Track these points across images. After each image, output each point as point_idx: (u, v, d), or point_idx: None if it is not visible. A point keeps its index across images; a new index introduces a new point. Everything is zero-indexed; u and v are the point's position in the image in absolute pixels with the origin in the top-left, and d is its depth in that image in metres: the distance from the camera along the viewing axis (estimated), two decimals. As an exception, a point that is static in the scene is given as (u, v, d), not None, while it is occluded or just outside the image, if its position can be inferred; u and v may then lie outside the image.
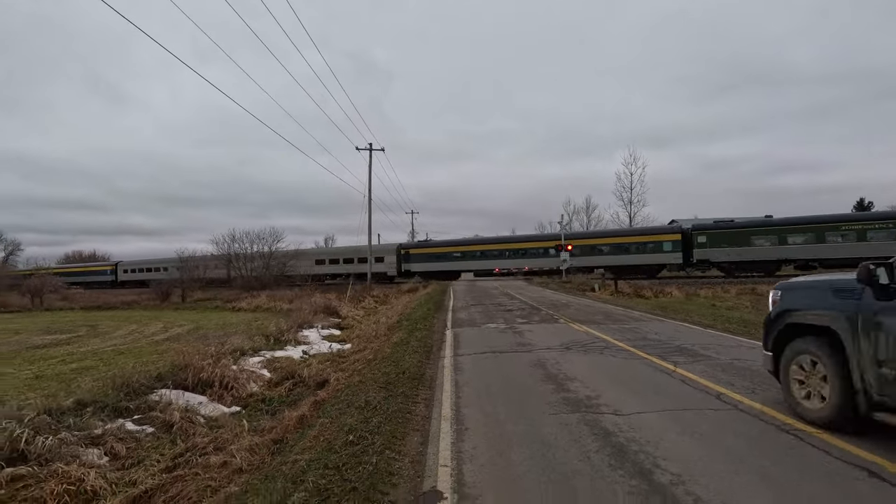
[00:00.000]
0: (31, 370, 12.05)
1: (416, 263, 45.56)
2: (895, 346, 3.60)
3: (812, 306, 4.45)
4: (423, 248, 48.27)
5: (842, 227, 31.06)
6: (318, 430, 4.93)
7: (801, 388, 4.43)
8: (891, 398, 3.62)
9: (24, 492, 4.88)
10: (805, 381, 4.39)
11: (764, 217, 39.41)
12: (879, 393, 3.69)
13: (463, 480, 3.36)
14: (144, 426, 6.97)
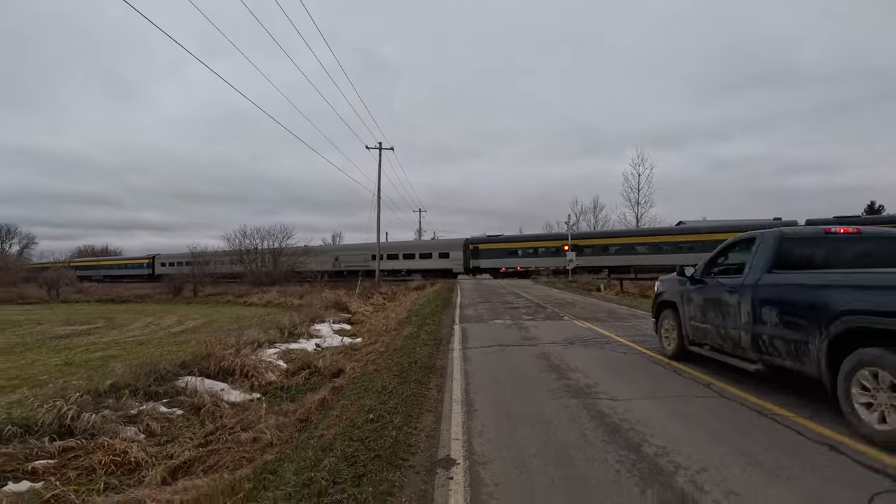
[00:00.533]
0: (59, 358, 12.65)
1: (486, 259, 43.30)
2: (695, 310, 6.63)
3: (668, 290, 7.65)
4: (495, 243, 45.36)
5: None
6: (340, 411, 5.41)
7: (665, 338, 7.56)
8: (696, 338, 6.67)
9: (75, 461, 5.41)
10: (667, 335, 7.47)
11: (773, 219, 39.42)
12: (691, 336, 6.79)
13: (473, 450, 3.83)
14: (174, 409, 7.50)
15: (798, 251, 5.58)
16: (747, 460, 3.41)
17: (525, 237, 48.49)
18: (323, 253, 51.54)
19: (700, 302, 6.55)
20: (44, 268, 51.17)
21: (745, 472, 3.22)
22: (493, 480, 3.26)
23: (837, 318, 4.17)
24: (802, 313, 4.65)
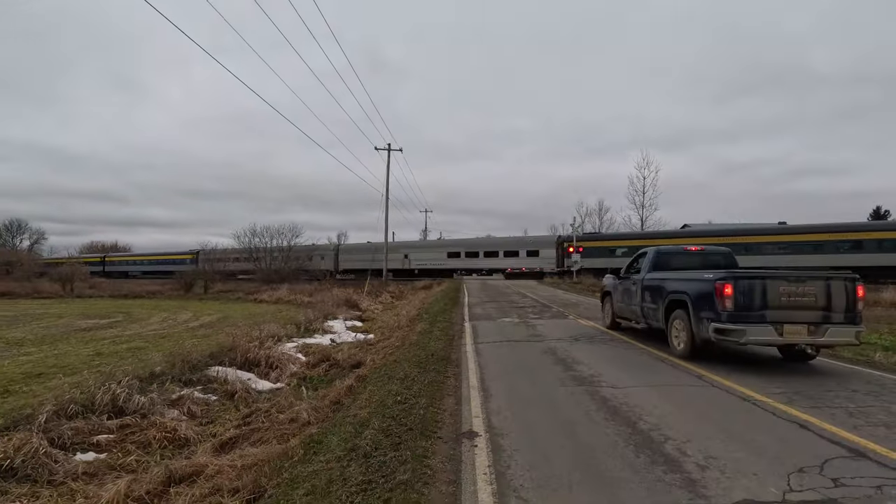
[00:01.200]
0: (89, 349, 13.36)
1: (583, 259, 40.02)
2: (618, 296, 10.50)
3: (608, 284, 11.55)
4: (593, 240, 41.92)
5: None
6: (369, 395, 6.04)
7: (605, 315, 11.54)
8: (619, 314, 10.58)
9: (131, 436, 6.06)
10: (606, 313, 11.42)
11: (777, 223, 39.80)
12: (618, 313, 10.66)
13: (492, 425, 4.44)
14: (209, 395, 8.16)
15: (666, 260, 9.39)
16: (727, 434, 4.02)
17: (627, 234, 43.43)
18: (394, 251, 48.15)
19: (621, 290, 10.47)
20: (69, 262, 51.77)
21: (724, 444, 3.83)
22: (511, 447, 3.88)
23: (667, 296, 8.10)
24: (657, 294, 8.52)
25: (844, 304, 6.60)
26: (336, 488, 3.32)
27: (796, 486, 3.07)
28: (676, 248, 9.79)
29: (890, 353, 7.80)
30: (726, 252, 9.68)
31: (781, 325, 6.48)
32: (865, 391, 5.49)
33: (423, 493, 3.14)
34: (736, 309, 6.59)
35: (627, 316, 10.13)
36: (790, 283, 6.62)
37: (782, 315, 6.52)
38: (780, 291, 6.58)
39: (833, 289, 6.61)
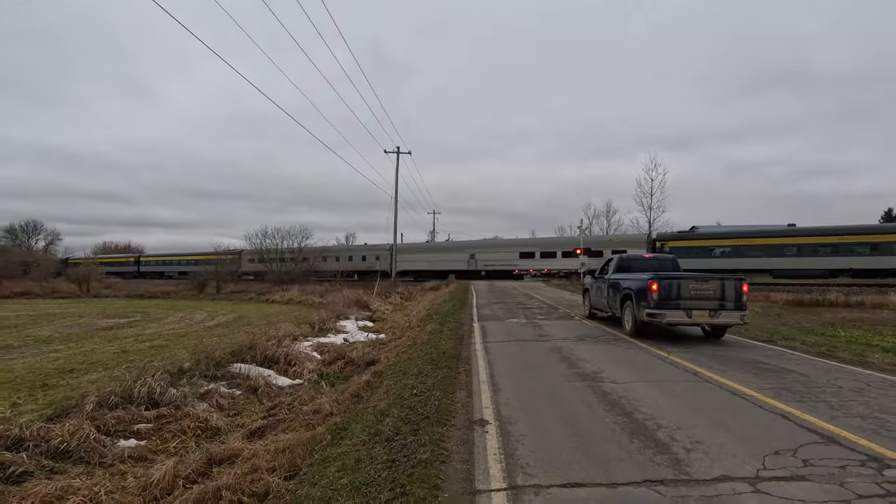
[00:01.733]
0: (114, 347, 13.96)
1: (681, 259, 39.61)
2: (594, 292, 13.57)
3: (587, 283, 14.82)
4: (686, 239, 38.65)
5: None
6: (386, 389, 6.50)
7: (585, 307, 14.48)
8: (594, 307, 13.51)
9: (167, 426, 6.57)
10: (584, 305, 14.53)
11: (787, 225, 39.69)
12: (593, 305, 13.60)
13: (501, 415, 4.89)
14: (234, 389, 8.67)
15: (627, 264, 12.30)
16: (714, 423, 4.44)
17: (727, 233, 39.20)
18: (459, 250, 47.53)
19: (595, 288, 13.47)
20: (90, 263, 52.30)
21: (711, 431, 4.25)
22: (518, 433, 4.33)
23: (621, 290, 10.87)
24: (616, 290, 11.37)
25: (734, 297, 9.49)
26: (364, 465, 3.78)
27: (770, 465, 3.48)
28: (636, 255, 13.77)
29: (889, 355, 8.11)
30: (672, 258, 12.88)
31: (690, 311, 9.38)
32: (851, 388, 5.86)
33: (441, 470, 3.59)
34: (660, 300, 9.44)
35: (599, 307, 13.21)
36: (697, 282, 9.58)
37: (691, 304, 9.42)
38: (689, 287, 9.50)
39: (726, 286, 9.51)
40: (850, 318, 16.55)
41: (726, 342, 9.58)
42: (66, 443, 5.32)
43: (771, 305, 21.41)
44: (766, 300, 23.71)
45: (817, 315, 17.62)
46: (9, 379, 9.55)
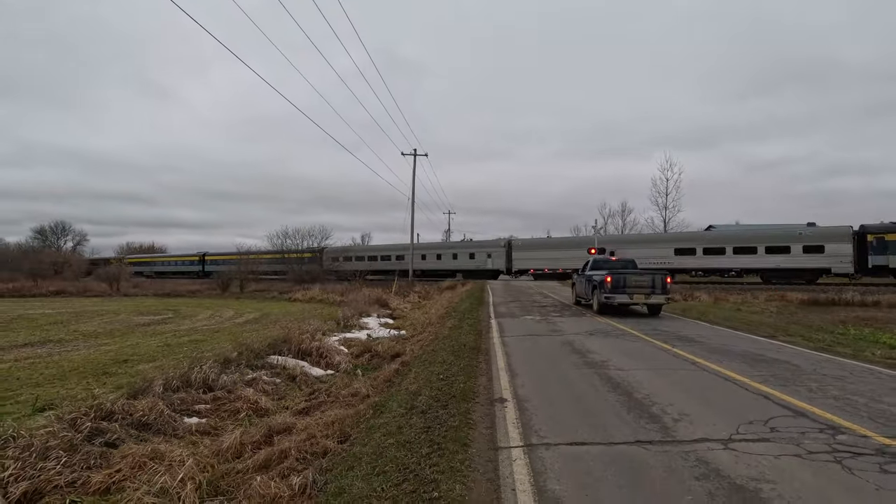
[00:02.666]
0: (156, 341, 15.05)
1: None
2: (578, 285, 18.09)
3: (574, 278, 19.65)
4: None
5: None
6: (415, 375, 7.32)
7: (572, 295, 19.63)
8: (578, 297, 18.06)
9: (222, 407, 7.47)
10: (572, 294, 19.59)
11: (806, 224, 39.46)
12: (578, 295, 18.17)
13: (518, 395, 5.66)
14: (274, 377, 9.56)
15: (599, 264, 16.88)
16: (702, 401, 5.15)
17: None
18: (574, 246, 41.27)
19: (579, 281, 17.89)
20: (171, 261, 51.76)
21: (698, 407, 4.96)
22: (532, 408, 5.10)
23: (592, 282, 15.52)
24: (589, 282, 15.93)
25: (661, 285, 14.28)
26: (405, 430, 4.59)
27: (742, 431, 4.20)
28: (605, 258, 19.46)
29: (892, 350, 8.61)
30: (631, 260, 17.96)
31: (632, 295, 14.13)
32: (834, 376, 6.50)
33: (468, 433, 4.38)
34: (612, 288, 14.22)
35: (582, 295, 17.53)
36: (636, 276, 14.57)
37: (632, 290, 14.16)
38: (632, 280, 14.33)
39: (655, 278, 14.32)
40: (865, 316, 16.84)
41: (726, 335, 10.20)
42: (146, 416, 6.24)
43: (786, 305, 21.73)
44: (781, 300, 24.00)
45: (831, 314, 17.93)
46: (74, 368, 10.61)
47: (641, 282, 14.26)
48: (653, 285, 14.19)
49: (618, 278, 14.32)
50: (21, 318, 22.94)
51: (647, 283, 14.21)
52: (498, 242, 46.49)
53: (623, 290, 14.10)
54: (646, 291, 14.12)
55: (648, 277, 14.32)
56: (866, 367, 7.19)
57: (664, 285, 14.31)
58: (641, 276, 14.47)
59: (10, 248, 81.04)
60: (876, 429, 4.25)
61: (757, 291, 27.87)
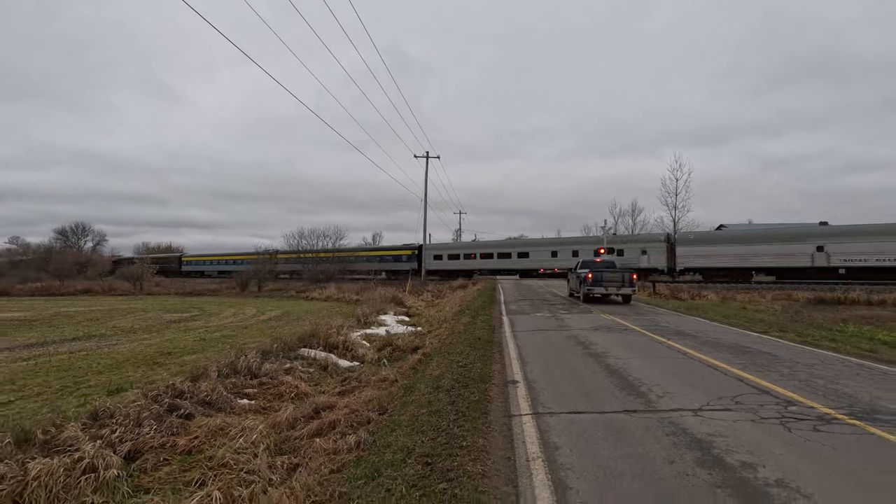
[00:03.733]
0: (191, 336, 16.22)
1: None
2: (571, 280, 22.62)
3: (568, 275, 24.17)
4: None
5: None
6: (437, 363, 8.30)
7: (568, 289, 24.03)
8: (571, 290, 22.84)
9: (267, 391, 8.52)
10: (568, 288, 23.89)
11: (818, 223, 39.58)
12: (571, 289, 22.75)
13: (528, 378, 6.62)
14: (308, 367, 10.60)
15: (586, 263, 21.33)
16: (685, 382, 6.07)
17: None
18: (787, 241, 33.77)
19: (572, 278, 22.38)
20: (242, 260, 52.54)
21: (680, 387, 5.88)
22: (539, 388, 6.05)
23: (580, 278, 19.71)
24: (578, 277, 20.06)
25: (629, 280, 18.26)
26: (434, 404, 5.58)
27: (712, 403, 5.13)
28: (591, 260, 22.52)
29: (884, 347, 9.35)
30: (611, 261, 22.45)
31: (607, 287, 18.45)
32: (806, 363, 7.36)
33: (487, 406, 5.36)
34: (593, 282, 18.56)
35: (573, 289, 21.88)
36: (611, 273, 18.85)
37: (608, 283, 18.46)
38: (607, 276, 18.63)
39: (624, 275, 18.45)
40: (869, 315, 17.47)
41: (721, 331, 11.05)
42: (209, 396, 7.30)
43: (791, 303, 22.36)
44: (787, 298, 24.60)
45: (835, 312, 18.57)
46: (125, 359, 11.77)
47: (614, 277, 18.45)
48: (622, 280, 18.27)
49: (597, 275, 18.61)
50: (60, 315, 24.38)
51: (618, 279, 18.34)
52: (656, 236, 39.64)
53: (601, 283, 18.43)
54: (617, 285, 18.31)
55: (619, 274, 18.57)
56: (840, 357, 8.03)
57: (631, 280, 18.28)
58: (614, 273, 18.81)
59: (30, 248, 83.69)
60: (824, 403, 5.15)
61: (764, 290, 28.44)
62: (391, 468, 3.85)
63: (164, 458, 5.48)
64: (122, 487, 4.68)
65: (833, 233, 33.48)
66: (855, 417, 4.63)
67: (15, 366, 11.21)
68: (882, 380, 6.32)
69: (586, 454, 3.84)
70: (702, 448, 3.91)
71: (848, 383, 6.06)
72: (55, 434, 5.43)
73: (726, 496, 3.08)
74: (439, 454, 3.96)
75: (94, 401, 7.29)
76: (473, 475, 3.54)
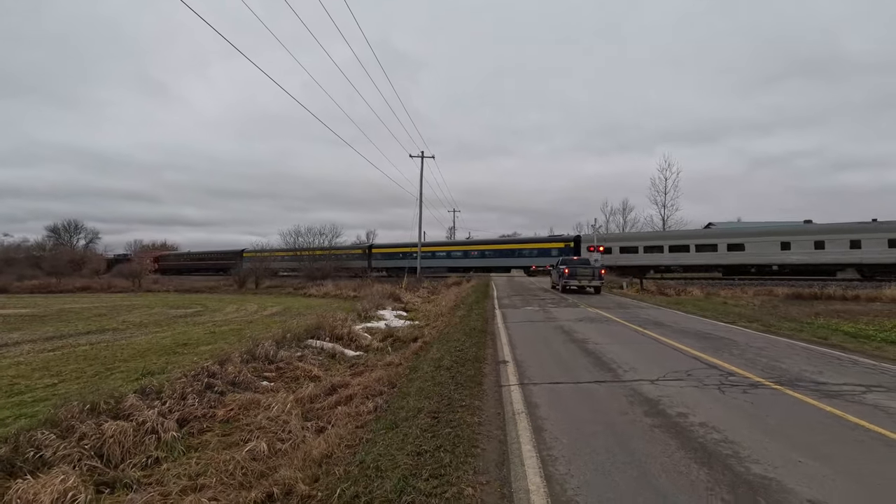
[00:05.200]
0: (202, 329, 17.13)
1: None
2: (554, 275, 27.40)
3: (552, 270, 30.03)
4: None
5: None
6: (437, 349, 9.33)
7: (551, 282, 29.51)
8: (554, 283, 26.98)
9: (284, 375, 9.50)
10: (550, 280, 29.71)
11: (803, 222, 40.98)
12: (553, 282, 27.44)
13: (517, 359, 7.66)
14: (317, 356, 11.58)
15: (565, 261, 25.91)
16: (650, 360, 7.15)
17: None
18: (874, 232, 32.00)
19: (553, 272, 27.47)
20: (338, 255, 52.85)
21: (644, 364, 6.96)
22: (526, 365, 7.10)
23: (559, 272, 24.58)
24: (558, 272, 24.72)
25: (598, 275, 23.26)
26: (437, 377, 6.61)
27: (668, 376, 6.20)
28: (569, 258, 27.81)
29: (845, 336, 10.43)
30: (585, 259, 27.56)
31: (581, 280, 23.07)
32: (758, 347, 8.46)
33: (481, 379, 6.39)
34: (568, 275, 23.13)
35: (555, 282, 25.93)
36: (583, 268, 23.62)
37: (581, 277, 23.13)
38: (580, 270, 23.35)
39: (594, 270, 23.43)
40: (842, 309, 18.61)
41: (694, 321, 12.19)
42: (237, 377, 8.29)
43: (771, 298, 23.59)
44: (768, 294, 25.84)
45: (811, 307, 19.73)
46: (146, 349, 12.70)
47: (586, 272, 23.27)
48: (593, 275, 23.18)
49: (572, 270, 23.36)
50: (66, 311, 25.13)
51: (589, 273, 23.23)
52: (796, 229, 35.30)
53: (575, 277, 23.10)
54: (588, 278, 23.06)
55: (590, 270, 23.41)
56: (791, 342, 9.16)
57: (600, 275, 23.42)
58: (586, 268, 23.54)
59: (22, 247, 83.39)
60: (759, 374, 6.25)
61: (747, 287, 29.72)
62: (406, 421, 4.87)
63: (207, 426, 6.47)
64: (177, 446, 5.67)
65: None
66: (779, 384, 5.72)
67: (43, 356, 12.11)
68: (817, 359, 7.43)
69: (559, 409, 4.89)
70: (650, 404, 4.97)
71: (786, 361, 7.17)
72: (114, 405, 6.40)
73: (660, 432, 4.14)
74: (444, 411, 4.99)
75: (132, 383, 8.25)
76: (471, 424, 4.57)
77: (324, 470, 4.11)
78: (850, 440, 3.94)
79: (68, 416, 5.68)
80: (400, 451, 4.01)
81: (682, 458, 3.59)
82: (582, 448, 3.84)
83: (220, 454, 5.25)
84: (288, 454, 4.94)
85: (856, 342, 9.57)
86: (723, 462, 3.50)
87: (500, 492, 3.21)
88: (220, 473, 4.64)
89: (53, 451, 4.96)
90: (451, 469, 3.53)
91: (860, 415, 4.57)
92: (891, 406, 4.86)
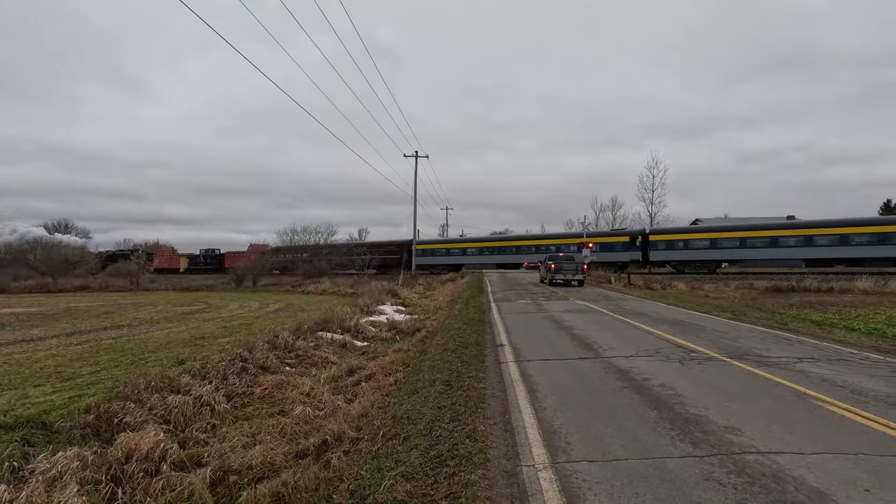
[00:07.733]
0: (212, 325, 18.09)
1: None
2: (542, 269, 29.76)
3: (540, 265, 31.79)
4: None
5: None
6: (440, 337, 10.45)
7: (539, 276, 30.97)
8: (542, 277, 29.11)
9: (303, 361, 10.58)
10: (539, 275, 31.15)
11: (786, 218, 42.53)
12: (541, 277, 29.51)
13: (512, 342, 8.82)
14: (329, 345, 12.66)
15: (552, 256, 29.05)
16: (627, 342, 8.34)
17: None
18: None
19: (541, 268, 30.25)
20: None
21: (621, 344, 8.14)
22: (521, 348, 8.26)
23: (546, 267, 28.16)
24: (546, 267, 28.17)
25: (581, 270, 26.92)
26: (444, 357, 7.74)
27: (639, 353, 7.38)
28: (556, 254, 30.57)
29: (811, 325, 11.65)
30: (571, 256, 30.22)
31: (566, 274, 26.49)
32: (722, 331, 9.69)
33: (482, 359, 7.53)
34: (554, 270, 26.72)
35: (542, 276, 28.70)
36: (567, 263, 27.06)
37: (565, 272, 26.57)
38: (565, 266, 26.83)
39: (577, 265, 27.03)
40: (815, 301, 19.87)
41: (672, 311, 13.44)
42: (265, 362, 9.36)
43: (751, 291, 24.96)
44: (749, 288, 27.22)
45: (787, 299, 21.02)
46: (168, 341, 13.68)
47: (570, 267, 26.52)
48: (576, 270, 26.42)
49: (558, 265, 26.53)
50: (73, 310, 25.87)
51: (573, 268, 26.48)
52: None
53: (560, 272, 26.34)
54: (572, 273, 26.24)
55: (574, 265, 26.70)
56: (752, 328, 10.41)
57: (583, 270, 26.91)
58: (570, 263, 26.82)
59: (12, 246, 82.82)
60: (716, 351, 7.46)
61: (729, 280, 31.15)
62: (424, 389, 6.00)
63: (247, 401, 7.55)
64: (228, 416, 6.75)
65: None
66: (729, 357, 6.93)
67: (73, 349, 13.04)
68: (771, 340, 8.67)
69: (549, 377, 6.05)
70: (622, 373, 6.14)
71: (743, 342, 8.40)
72: (168, 384, 7.45)
73: (627, 391, 5.31)
74: (454, 381, 6.13)
75: (169, 369, 9.28)
76: (478, 389, 5.71)
77: (364, 422, 5.23)
78: (769, 393, 5.14)
79: (136, 392, 6.74)
80: (423, 406, 5.13)
81: (640, 404, 4.76)
82: (566, 401, 5.00)
83: (268, 420, 6.35)
84: (328, 417, 6.05)
85: (813, 327, 10.84)
86: (670, 407, 4.67)
87: (504, 428, 4.35)
88: (273, 433, 5.74)
89: (134, 417, 6.03)
90: (466, 416, 4.66)
91: (786, 377, 5.77)
92: (812, 371, 6.08)
